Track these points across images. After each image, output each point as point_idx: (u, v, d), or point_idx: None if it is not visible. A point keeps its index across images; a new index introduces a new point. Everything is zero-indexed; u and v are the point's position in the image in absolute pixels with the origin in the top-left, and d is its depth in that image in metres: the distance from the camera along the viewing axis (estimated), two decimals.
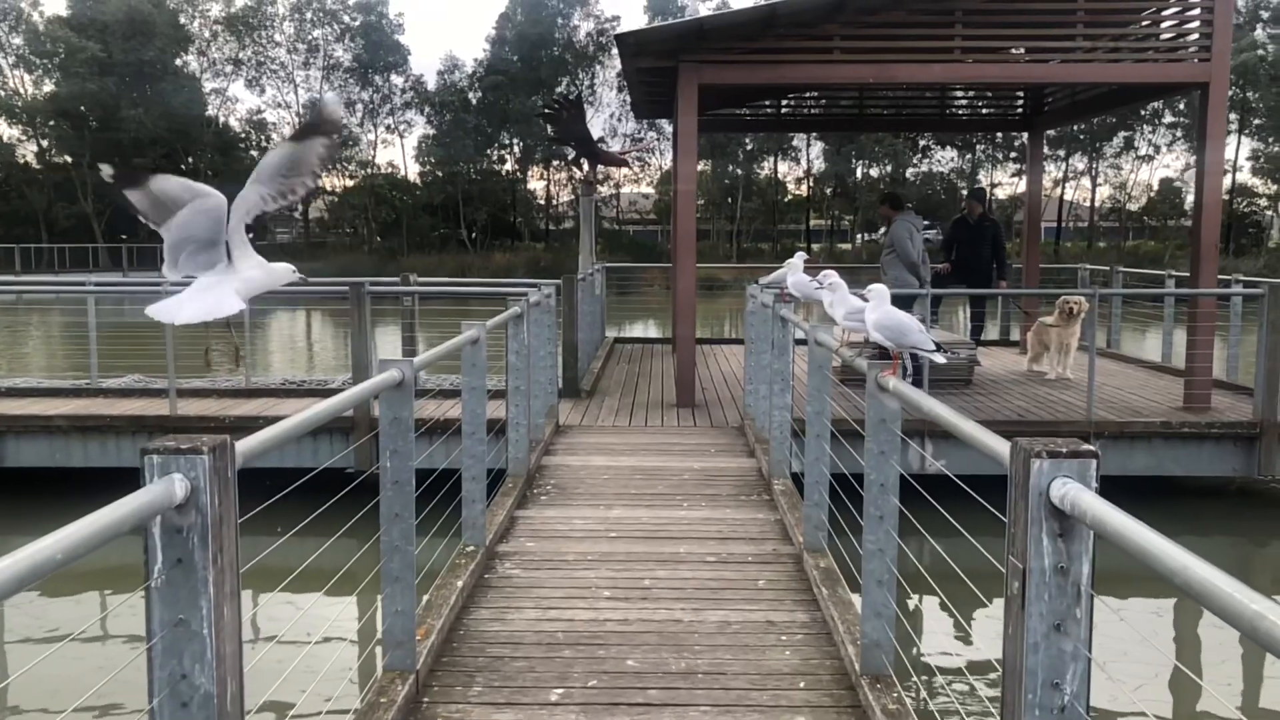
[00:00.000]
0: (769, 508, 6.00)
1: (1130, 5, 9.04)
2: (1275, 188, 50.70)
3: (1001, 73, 9.93)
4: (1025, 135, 13.83)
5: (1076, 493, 1.74)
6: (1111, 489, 1.80)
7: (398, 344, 10.30)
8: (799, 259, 6.02)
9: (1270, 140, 47.52)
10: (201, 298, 3.32)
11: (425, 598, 4.27)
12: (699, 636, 4.04)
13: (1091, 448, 1.84)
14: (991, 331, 14.27)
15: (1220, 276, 9.63)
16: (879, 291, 3.51)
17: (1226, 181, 45.01)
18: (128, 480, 1.87)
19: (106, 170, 2.75)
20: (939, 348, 3.52)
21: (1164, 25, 9.24)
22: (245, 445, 2.07)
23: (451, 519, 4.98)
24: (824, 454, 4.76)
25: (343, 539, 4.35)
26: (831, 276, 4.02)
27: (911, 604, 6.43)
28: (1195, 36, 8.84)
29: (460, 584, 4.40)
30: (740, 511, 5.92)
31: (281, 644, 5.44)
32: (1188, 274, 10.84)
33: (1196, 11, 8.77)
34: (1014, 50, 9.62)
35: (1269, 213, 52.82)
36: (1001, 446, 2.05)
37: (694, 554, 5.10)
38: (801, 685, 3.61)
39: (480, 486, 4.93)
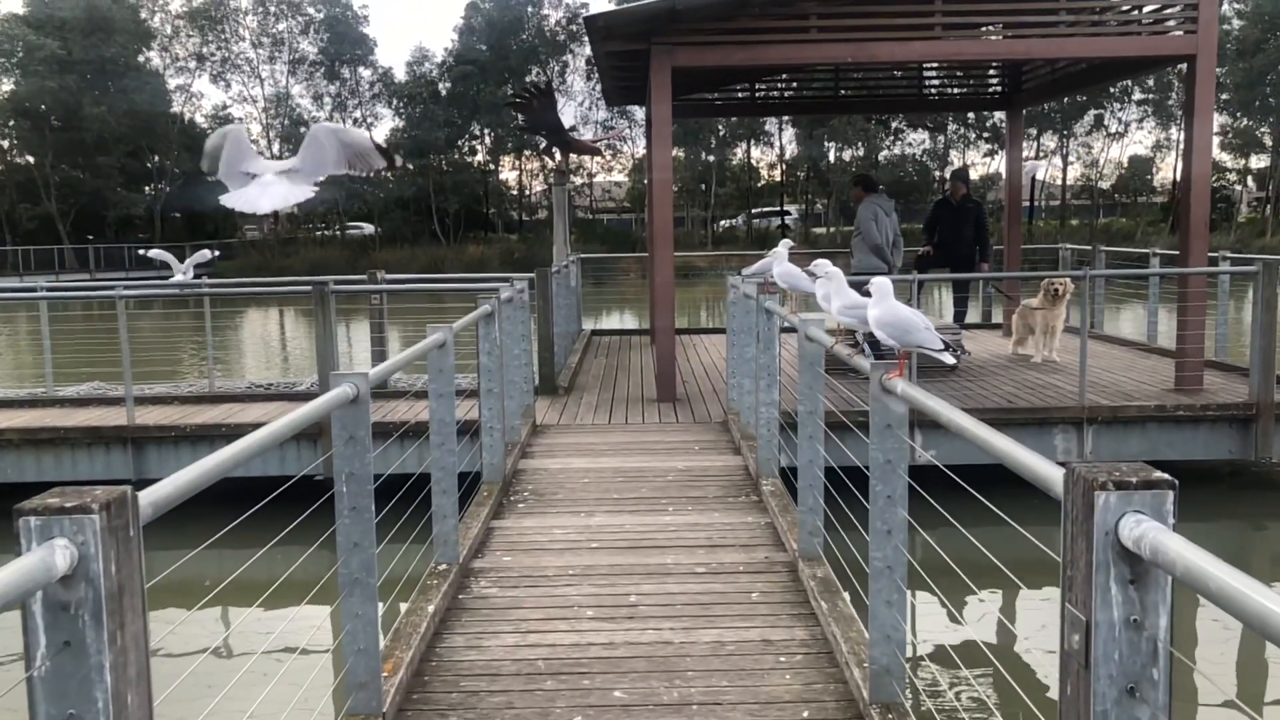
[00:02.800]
0: (758, 510, 5.70)
1: None
2: (1243, 163, 50.88)
3: (983, 49, 9.67)
4: (999, 114, 13.59)
5: (1157, 535, 1.44)
6: None
7: (369, 343, 9.96)
8: (784, 247, 5.70)
9: (1238, 115, 47.62)
10: (271, 191, 4.04)
11: (394, 625, 3.95)
12: (691, 660, 3.74)
13: (1166, 476, 1.55)
14: (973, 314, 14.03)
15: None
16: (881, 286, 3.20)
17: None
18: None
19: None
20: (948, 347, 3.21)
21: None
22: (153, 495, 1.74)
23: (428, 529, 4.65)
24: (818, 456, 4.47)
25: (305, 551, 4.04)
26: (827, 266, 3.71)
27: (909, 602, 6.15)
28: (1180, 7, 8.60)
29: (431, 608, 4.07)
30: (729, 515, 5.62)
31: (237, 677, 5.09)
32: (1170, 251, 10.63)
33: None
34: (993, 26, 9.35)
35: (1238, 188, 53.03)
36: (1052, 472, 1.75)
37: (682, 565, 4.79)
38: (805, 715, 3.31)
39: (451, 500, 4.59)
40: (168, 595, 6.40)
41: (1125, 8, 9.10)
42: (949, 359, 3.21)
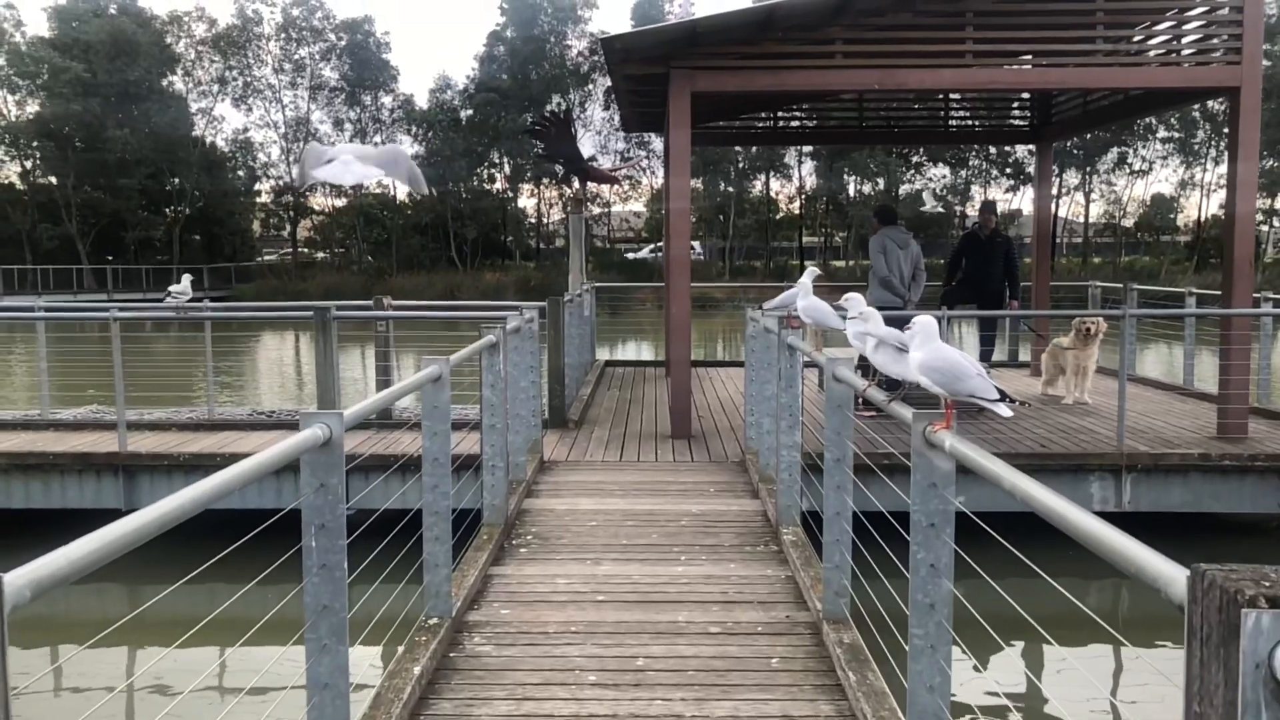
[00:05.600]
0: (778, 561, 5.31)
1: (1153, 5, 8.43)
2: (1270, 203, 50.28)
3: (1016, 78, 9.32)
4: (1021, 149, 13.25)
5: None
6: (1143, 527, 1.22)
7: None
8: (809, 278, 5.32)
9: (1264, 154, 47.11)
10: (353, 170, 5.19)
11: (375, 689, 3.58)
12: None
13: None
14: (999, 354, 13.60)
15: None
16: (925, 326, 2.83)
17: (1221, 197, 44.63)
18: (74, 523, 1.27)
19: None
20: (1004, 396, 2.84)
21: (1189, 26, 8.63)
22: (33, 574, 1.38)
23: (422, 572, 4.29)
24: (846, 508, 4.09)
25: (292, 588, 3.70)
26: (860, 303, 3.35)
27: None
28: (1224, 37, 8.24)
29: (418, 669, 3.70)
30: (746, 567, 5.23)
31: None
32: (1206, 291, 10.20)
33: (1225, 11, 8.17)
34: (1027, 55, 9.01)
35: (1264, 228, 52.40)
36: (1171, 573, 1.37)
37: (694, 623, 4.40)
38: None
39: (445, 548, 4.23)
40: (139, 633, 6.05)
41: (1164, 37, 8.77)
42: (1004, 410, 2.83)
